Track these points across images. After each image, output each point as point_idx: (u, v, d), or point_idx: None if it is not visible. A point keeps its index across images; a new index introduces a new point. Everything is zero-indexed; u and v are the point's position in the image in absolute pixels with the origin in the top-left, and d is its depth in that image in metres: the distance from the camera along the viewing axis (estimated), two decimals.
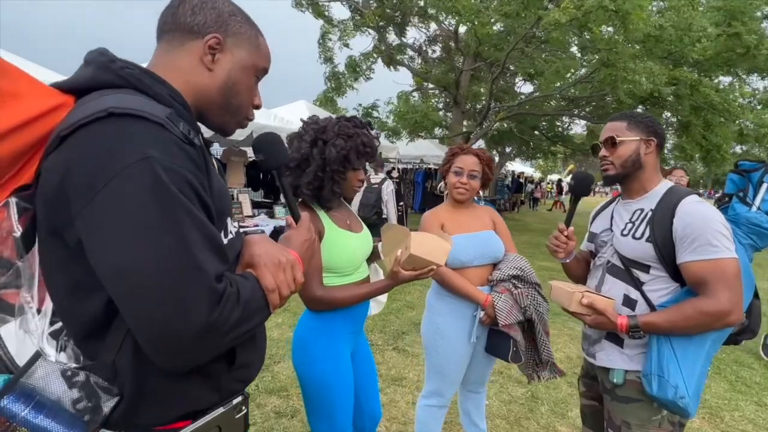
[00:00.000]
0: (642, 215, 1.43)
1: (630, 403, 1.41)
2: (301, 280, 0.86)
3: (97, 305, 0.70)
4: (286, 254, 0.84)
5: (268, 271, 0.80)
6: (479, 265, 1.95)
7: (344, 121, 1.56)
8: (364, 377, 1.73)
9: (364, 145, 1.54)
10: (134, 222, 0.64)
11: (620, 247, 1.45)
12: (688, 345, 1.31)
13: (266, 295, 0.78)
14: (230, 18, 0.85)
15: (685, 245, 1.30)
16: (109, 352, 0.71)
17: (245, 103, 0.90)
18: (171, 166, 0.66)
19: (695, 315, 1.26)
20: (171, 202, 0.65)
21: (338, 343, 1.56)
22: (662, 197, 1.40)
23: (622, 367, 1.43)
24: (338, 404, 1.54)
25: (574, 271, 1.72)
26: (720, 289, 1.25)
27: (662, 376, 1.29)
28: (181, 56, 0.83)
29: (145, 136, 0.67)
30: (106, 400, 0.71)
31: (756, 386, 3.29)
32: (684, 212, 1.31)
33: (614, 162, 1.47)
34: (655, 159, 1.46)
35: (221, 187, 0.84)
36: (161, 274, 0.64)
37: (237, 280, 0.75)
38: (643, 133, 1.44)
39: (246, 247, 0.86)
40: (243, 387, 0.88)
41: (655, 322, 1.31)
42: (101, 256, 0.65)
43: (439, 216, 2.01)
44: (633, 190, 1.50)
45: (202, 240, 0.69)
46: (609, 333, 1.46)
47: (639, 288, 1.40)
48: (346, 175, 1.53)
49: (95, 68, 0.76)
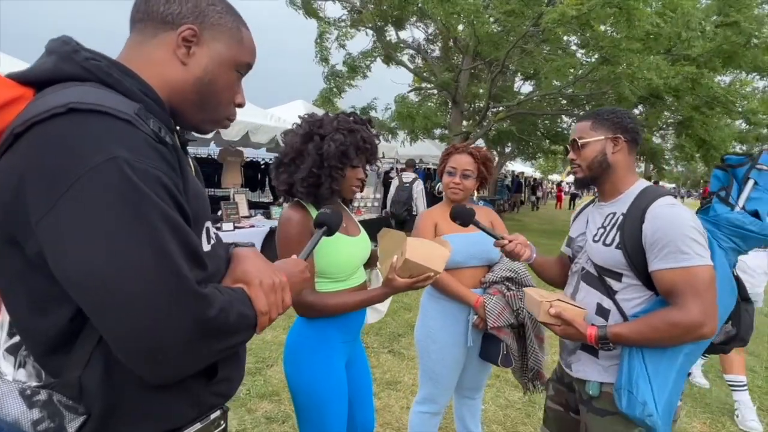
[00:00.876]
0: (613, 220, 1.34)
1: (606, 416, 1.34)
2: (290, 304, 0.83)
3: (62, 319, 0.65)
4: (279, 276, 0.80)
5: (262, 292, 0.76)
6: (474, 266, 1.91)
7: (344, 116, 1.50)
8: (359, 387, 1.66)
9: (364, 141, 1.47)
10: (103, 229, 0.58)
11: (592, 254, 1.38)
12: (661, 359, 1.23)
13: (257, 316, 0.74)
14: (208, 8, 0.78)
15: (655, 252, 1.22)
16: (74, 368, 0.66)
17: (224, 101, 0.84)
18: (141, 166, 0.61)
19: (664, 327, 1.19)
20: (143, 204, 0.60)
21: (331, 353, 1.49)
22: (635, 200, 1.31)
23: (597, 379, 1.36)
24: (329, 415, 1.47)
25: (547, 274, 1.64)
26: (690, 300, 1.17)
27: (631, 391, 1.22)
28: (154, 48, 0.76)
29: (111, 134, 0.61)
30: (71, 420, 0.66)
31: (758, 390, 3.23)
32: (653, 216, 1.23)
33: (581, 164, 1.40)
34: (627, 157, 1.37)
35: (198, 189, 0.78)
36: (138, 283, 0.59)
37: (229, 291, 0.71)
38: (609, 131, 1.35)
39: (237, 261, 0.81)
40: (223, 401, 0.83)
41: (624, 333, 1.24)
42: (69, 267, 0.59)
43: (434, 216, 1.97)
44: (605, 192, 1.42)
45: (180, 245, 0.64)
46: (584, 344, 1.37)
47: (612, 297, 1.33)
48: (345, 172, 1.46)
49: (57, 58, 0.69)
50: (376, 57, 10.48)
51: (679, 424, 2.71)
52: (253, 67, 0.88)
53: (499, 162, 17.43)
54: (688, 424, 2.73)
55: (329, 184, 1.44)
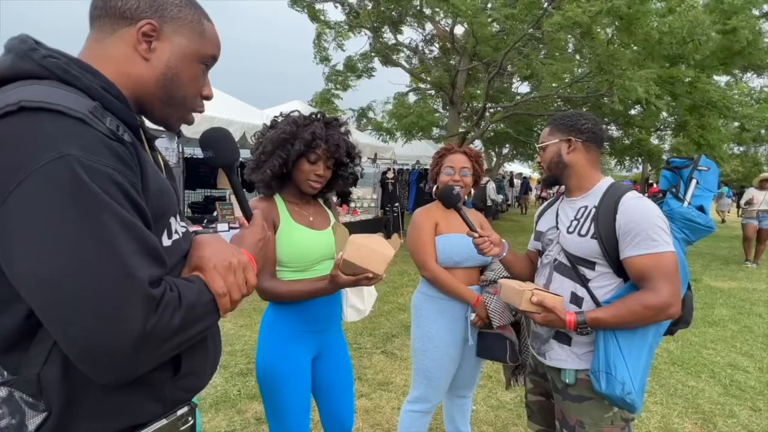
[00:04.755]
0: (586, 212, 1.44)
1: (583, 402, 1.42)
2: (254, 282, 0.81)
3: (18, 317, 0.64)
4: (238, 255, 0.79)
5: (218, 273, 0.75)
6: (469, 266, 1.93)
7: (307, 115, 1.57)
8: (336, 380, 1.67)
9: (315, 137, 1.49)
10: (52, 227, 0.58)
11: (566, 245, 1.47)
12: (632, 339, 1.33)
13: (216, 299, 0.73)
14: (167, 1, 0.78)
15: (627, 240, 1.32)
16: (33, 365, 0.66)
17: (190, 95, 0.84)
18: (92, 165, 0.60)
19: (639, 309, 1.29)
20: (92, 203, 0.60)
21: (290, 339, 1.53)
22: (604, 194, 1.42)
23: (572, 366, 1.44)
24: (286, 402, 1.50)
25: (517, 270, 1.71)
26: (661, 283, 1.28)
27: (610, 372, 1.31)
28: (113, 44, 0.76)
29: (62, 131, 0.60)
30: (32, 416, 0.66)
31: (750, 390, 3.22)
32: (626, 208, 1.34)
33: (543, 165, 1.55)
34: (585, 157, 1.48)
35: (162, 185, 0.77)
36: (87, 284, 0.58)
37: (179, 283, 0.70)
38: (562, 134, 1.48)
39: (194, 248, 0.80)
40: (190, 396, 0.82)
41: (602, 317, 1.33)
42: (17, 266, 0.59)
43: (432, 215, 1.98)
44: (571, 188, 1.53)
45: (132, 243, 0.63)
46: (557, 332, 1.47)
47: (585, 285, 1.42)
48: (288, 161, 1.48)
49: (14, 57, 0.69)
50: (373, 57, 10.47)
51: (671, 424, 2.71)
52: (215, 59, 0.87)
53: (497, 163, 17.43)
54: (679, 424, 2.72)
55: (270, 171, 1.47)
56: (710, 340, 4.18)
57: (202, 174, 8.03)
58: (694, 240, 1.50)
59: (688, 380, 3.34)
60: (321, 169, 1.53)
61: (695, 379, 3.37)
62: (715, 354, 3.88)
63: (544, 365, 1.54)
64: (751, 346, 4.07)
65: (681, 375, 3.43)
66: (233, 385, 2.99)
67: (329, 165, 1.56)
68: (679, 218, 1.47)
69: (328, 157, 1.54)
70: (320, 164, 1.53)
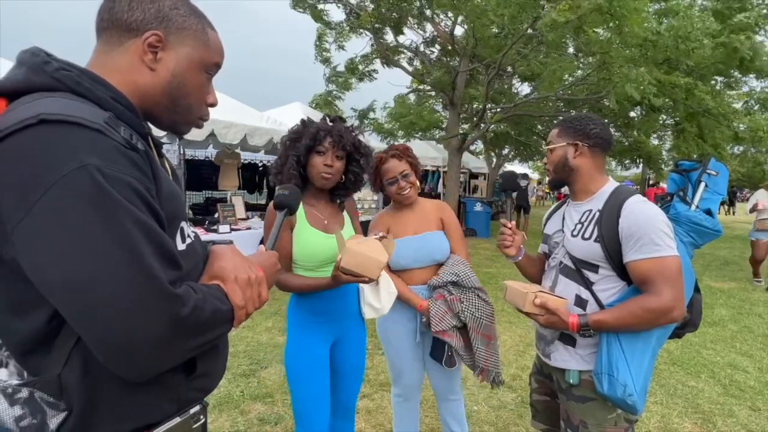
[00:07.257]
0: (590, 216, 1.45)
1: (587, 402, 1.43)
2: (266, 299, 0.84)
3: (40, 321, 0.67)
4: (255, 271, 0.82)
5: (238, 286, 0.78)
6: (421, 267, 1.98)
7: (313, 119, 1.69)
8: (343, 360, 1.78)
9: (319, 130, 1.61)
10: (77, 234, 0.60)
11: (571, 248, 1.48)
12: (636, 342, 1.34)
13: (233, 310, 0.76)
14: (172, 12, 0.80)
15: (630, 244, 1.33)
16: (54, 366, 0.68)
17: (195, 103, 0.86)
18: (112, 173, 0.63)
19: (641, 312, 1.30)
20: (114, 209, 0.62)
21: (308, 329, 1.67)
22: (608, 198, 1.43)
23: (576, 367, 1.46)
24: (301, 382, 1.63)
25: (529, 271, 1.75)
26: (663, 287, 1.28)
27: (612, 374, 1.32)
28: (120, 56, 0.78)
29: (82, 143, 0.63)
30: (53, 416, 0.68)
31: (750, 390, 3.24)
32: (629, 212, 1.35)
33: (549, 168, 1.55)
34: (591, 161, 1.48)
35: (172, 189, 0.80)
36: (114, 286, 0.61)
37: (203, 289, 0.73)
38: (570, 138, 1.48)
39: (214, 258, 0.83)
40: (202, 396, 0.85)
41: (604, 320, 1.34)
42: (45, 272, 0.61)
43: (385, 220, 2.04)
44: (576, 192, 1.53)
45: (152, 247, 0.66)
46: (562, 334, 1.48)
47: (589, 288, 1.43)
48: (300, 158, 1.60)
49: (28, 70, 0.72)
50: (374, 58, 10.50)
51: (671, 424, 2.73)
52: (219, 67, 0.90)
53: (497, 163, 17.44)
54: (679, 424, 2.74)
55: (288, 171, 1.60)
56: (710, 341, 4.21)
57: (203, 175, 8.06)
58: (701, 243, 1.49)
59: (687, 380, 3.36)
60: (329, 159, 1.61)
61: (695, 379, 3.39)
62: (715, 354, 3.90)
63: (549, 366, 1.55)
64: (751, 347, 4.09)
65: (681, 375, 3.45)
66: (236, 386, 3.01)
67: (338, 155, 1.64)
68: (685, 221, 1.46)
69: (335, 148, 1.62)
70: (329, 155, 1.61)
